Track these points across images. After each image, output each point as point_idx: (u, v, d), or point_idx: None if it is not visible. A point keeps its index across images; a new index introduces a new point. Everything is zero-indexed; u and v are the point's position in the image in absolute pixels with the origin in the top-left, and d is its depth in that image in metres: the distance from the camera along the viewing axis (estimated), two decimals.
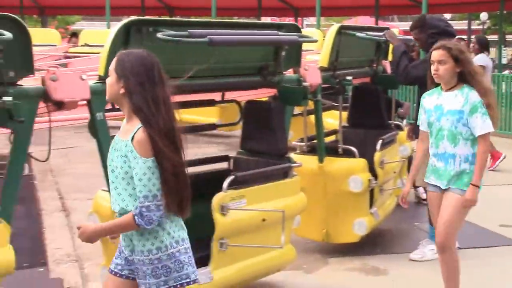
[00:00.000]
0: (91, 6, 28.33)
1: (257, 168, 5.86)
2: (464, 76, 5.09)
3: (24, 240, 5.38)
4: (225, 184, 5.29)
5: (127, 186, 3.55)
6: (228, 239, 5.26)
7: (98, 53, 13.11)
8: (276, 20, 28.50)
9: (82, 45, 16.49)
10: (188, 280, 3.67)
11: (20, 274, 4.50)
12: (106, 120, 4.89)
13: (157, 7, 26.98)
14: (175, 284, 3.61)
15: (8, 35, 3.95)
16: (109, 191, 4.96)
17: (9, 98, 4.12)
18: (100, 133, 4.84)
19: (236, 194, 5.32)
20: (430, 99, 5.27)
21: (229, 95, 6.74)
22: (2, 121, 4.19)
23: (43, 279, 6.12)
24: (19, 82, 4.34)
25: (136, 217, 3.43)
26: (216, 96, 6.53)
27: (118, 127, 3.74)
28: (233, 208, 5.27)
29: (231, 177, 5.37)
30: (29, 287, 5.87)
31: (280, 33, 5.74)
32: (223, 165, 6.39)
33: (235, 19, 26.71)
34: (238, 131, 11.13)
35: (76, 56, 14.50)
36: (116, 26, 4.81)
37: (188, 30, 4.91)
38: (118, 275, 3.80)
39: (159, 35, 4.73)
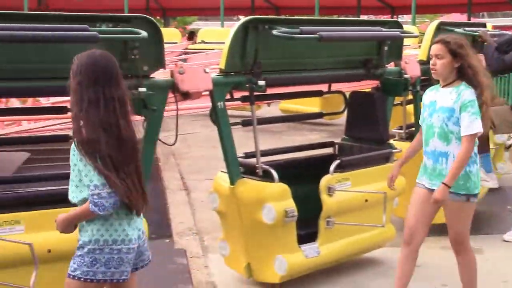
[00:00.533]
0: (207, 8, 28.70)
1: (360, 153, 5.86)
2: (462, 71, 4.41)
3: (152, 214, 5.52)
4: (332, 168, 5.31)
5: (75, 178, 3.37)
6: (334, 218, 5.27)
7: (214, 49, 13.48)
8: (372, 18, 28.12)
9: (199, 42, 16.77)
10: None
11: (150, 244, 4.60)
12: (226, 109, 4.95)
13: (265, 7, 27.04)
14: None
15: (144, 33, 4.08)
16: (228, 172, 5.10)
17: (144, 89, 4.25)
18: (221, 120, 4.90)
19: (341, 177, 5.33)
20: (429, 94, 4.62)
21: (332, 86, 6.70)
22: (138, 109, 4.33)
23: (169, 249, 6.27)
24: (151, 75, 4.47)
25: (90, 204, 3.26)
26: (322, 87, 6.51)
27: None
28: (339, 189, 5.28)
29: (337, 161, 5.39)
30: (157, 256, 5.99)
31: (383, 29, 5.70)
32: (328, 150, 6.38)
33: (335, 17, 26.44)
34: (338, 120, 11.20)
35: (195, 52, 14.81)
36: (236, 24, 4.88)
37: (300, 27, 4.93)
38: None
39: (274, 32, 4.77)
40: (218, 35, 16.27)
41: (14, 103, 7.91)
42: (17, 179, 5.44)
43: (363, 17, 24.97)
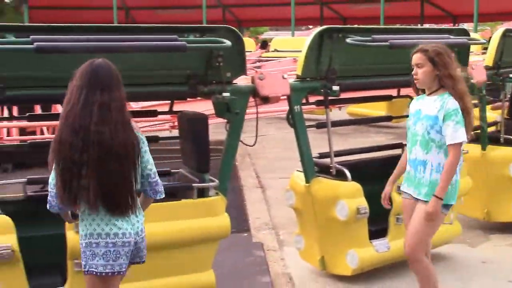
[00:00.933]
0: (279, 18, 28.84)
1: None
2: (441, 80, 4.12)
3: (231, 210, 5.55)
4: None
5: None
6: (403, 215, 5.20)
7: (286, 57, 13.49)
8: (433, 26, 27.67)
9: (272, 51, 16.85)
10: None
11: (230, 237, 4.67)
12: (302, 112, 4.96)
13: (332, 18, 26.96)
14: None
15: (227, 43, 4.12)
16: (303, 172, 5.09)
17: (227, 94, 4.30)
18: (298, 123, 4.91)
19: None
20: (415, 103, 4.32)
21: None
22: (221, 112, 4.39)
23: (248, 243, 6.31)
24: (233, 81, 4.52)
25: None
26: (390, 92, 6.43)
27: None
28: None
29: None
30: (237, 248, 6.06)
31: (451, 36, 5.59)
32: (397, 151, 6.28)
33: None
34: (403, 122, 11.04)
35: (268, 60, 14.87)
36: (312, 33, 4.88)
37: (372, 36, 4.89)
38: None
39: (348, 40, 4.75)
40: (289, 44, 16.37)
41: None
42: None
43: (426, 26, 24.58)
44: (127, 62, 4.14)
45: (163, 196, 3.48)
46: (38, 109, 8.93)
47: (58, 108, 6.22)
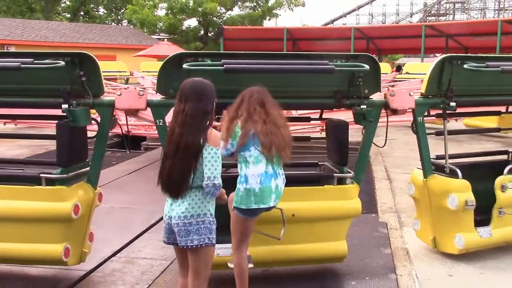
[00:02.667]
0: (411, 48, 27.88)
1: None
2: None
3: (364, 196, 5.46)
4: (506, 170, 4.92)
5: None
6: (505, 209, 4.83)
7: (415, 78, 12.99)
8: None
9: (404, 73, 16.31)
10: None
11: (361, 217, 4.61)
12: (424, 122, 4.74)
13: (456, 48, 25.47)
14: None
15: (366, 67, 4.05)
16: (422, 169, 4.88)
17: (364, 106, 4.22)
18: (420, 130, 4.71)
19: None
20: None
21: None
22: (359, 120, 4.32)
23: (375, 222, 6.15)
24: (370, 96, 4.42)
25: None
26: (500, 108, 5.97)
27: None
28: (510, 187, 4.83)
29: (510, 166, 4.96)
30: (367, 225, 5.96)
31: None
32: (503, 157, 5.82)
33: None
34: (511, 133, 10.23)
35: (401, 80, 14.41)
36: (436, 60, 4.65)
37: (486, 62, 4.57)
38: None
39: (465, 66, 4.48)
40: (419, 68, 15.76)
41: None
42: None
43: None
44: (292, 81, 4.23)
45: (213, 195, 3.17)
46: None
47: None
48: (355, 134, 5.50)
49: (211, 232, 3.17)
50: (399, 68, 17.97)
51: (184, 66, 3.82)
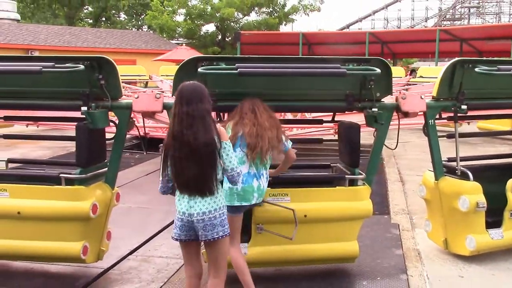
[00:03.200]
0: (426, 52, 27.65)
1: None
2: None
3: (376, 197, 5.43)
4: None
5: None
6: None
7: (429, 82, 12.89)
8: None
9: (419, 77, 16.22)
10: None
11: (374, 218, 4.57)
12: (436, 125, 4.70)
13: (470, 51, 25.21)
14: None
15: (378, 70, 4.01)
16: (433, 171, 4.84)
17: (376, 109, 4.20)
18: (431, 133, 4.67)
19: None
20: None
21: None
22: (371, 123, 4.30)
23: (387, 223, 6.10)
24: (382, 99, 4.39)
25: None
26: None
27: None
28: None
29: None
30: (379, 227, 5.92)
31: None
32: None
33: None
34: None
35: (415, 84, 14.32)
36: (447, 63, 4.61)
37: (497, 66, 4.52)
38: None
39: (476, 69, 4.44)
40: (432, 71, 15.65)
41: (288, 115, 8.30)
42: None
43: None
44: (304, 84, 4.22)
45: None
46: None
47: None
48: (366, 136, 5.49)
49: (228, 223, 3.29)
50: (412, 72, 17.87)
51: (199, 70, 3.85)
